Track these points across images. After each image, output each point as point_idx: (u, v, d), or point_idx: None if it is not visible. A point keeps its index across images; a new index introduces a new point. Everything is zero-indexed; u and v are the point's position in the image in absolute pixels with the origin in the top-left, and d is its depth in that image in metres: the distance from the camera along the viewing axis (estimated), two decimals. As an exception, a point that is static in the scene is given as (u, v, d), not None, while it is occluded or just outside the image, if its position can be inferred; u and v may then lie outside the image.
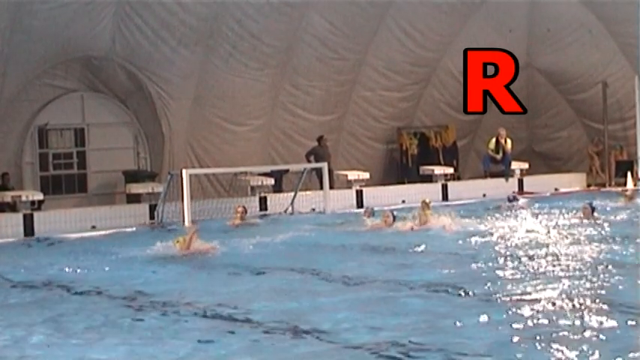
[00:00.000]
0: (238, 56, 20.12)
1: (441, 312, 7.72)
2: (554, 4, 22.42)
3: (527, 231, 13.65)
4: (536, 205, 18.33)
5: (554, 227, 14.10)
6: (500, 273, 9.71)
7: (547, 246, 11.74)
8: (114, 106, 20.30)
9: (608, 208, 16.59)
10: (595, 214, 15.23)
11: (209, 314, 8.01)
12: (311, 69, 21.35)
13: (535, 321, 7.14)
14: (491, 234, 13.51)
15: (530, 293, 8.37)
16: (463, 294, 8.51)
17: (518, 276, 9.48)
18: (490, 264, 10.40)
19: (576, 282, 8.82)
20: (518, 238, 12.78)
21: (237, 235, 14.46)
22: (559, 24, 22.91)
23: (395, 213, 15.19)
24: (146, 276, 10.74)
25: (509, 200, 18.49)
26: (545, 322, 7.06)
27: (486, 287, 8.81)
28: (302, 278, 10.17)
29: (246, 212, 16.63)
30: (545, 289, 8.51)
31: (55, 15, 17.53)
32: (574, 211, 16.07)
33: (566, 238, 12.65)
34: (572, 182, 23.34)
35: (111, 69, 19.55)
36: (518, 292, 8.49)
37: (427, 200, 17.21)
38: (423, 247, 12.31)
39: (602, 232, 13.17)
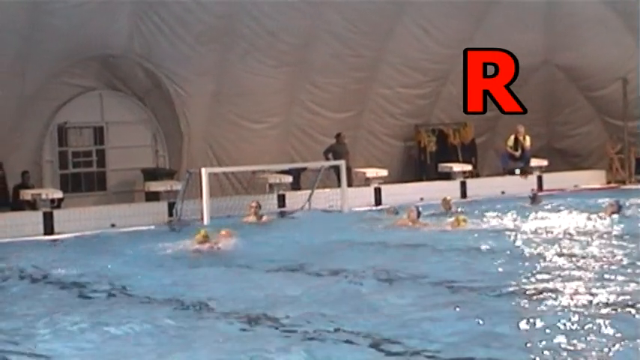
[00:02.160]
0: (255, 54, 20.04)
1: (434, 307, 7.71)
2: (572, 0, 22.20)
3: (552, 229, 13.45)
4: (558, 202, 18.06)
5: (580, 225, 13.90)
6: (524, 272, 9.61)
7: (574, 245, 11.58)
8: (132, 104, 20.29)
9: (633, 206, 16.34)
10: (622, 211, 15.02)
11: (194, 309, 8.11)
12: (328, 66, 21.22)
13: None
14: (518, 232, 13.34)
15: (545, 291, 8.28)
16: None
17: (534, 275, 9.37)
18: (519, 262, 10.28)
19: (605, 282, 8.68)
20: (542, 237, 12.62)
21: (249, 233, 14.36)
22: (578, 20, 22.66)
23: (420, 209, 15.00)
24: (149, 274, 10.75)
25: (532, 199, 18.29)
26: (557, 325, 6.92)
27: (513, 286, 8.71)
28: (301, 276, 10.17)
29: (259, 208, 16.39)
30: (567, 288, 8.39)
31: (72, 13, 17.50)
32: (599, 209, 15.84)
33: (596, 235, 12.46)
34: (591, 179, 23.10)
35: (129, 67, 19.54)
36: (530, 289, 8.42)
37: (448, 197, 17.04)
38: (437, 244, 12.20)
39: (631, 230, 12.90)
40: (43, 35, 17.58)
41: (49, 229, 16.55)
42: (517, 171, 22.46)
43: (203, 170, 17.19)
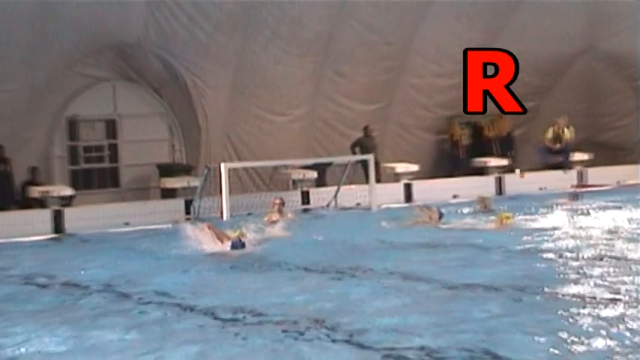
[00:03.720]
0: (278, 42, 19.65)
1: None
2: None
3: (590, 228, 12.68)
4: (599, 199, 17.26)
5: (618, 224, 13.03)
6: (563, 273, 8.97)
7: (608, 245, 10.85)
8: (147, 95, 19.90)
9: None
10: None
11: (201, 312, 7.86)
12: (355, 55, 20.79)
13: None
14: (554, 231, 12.55)
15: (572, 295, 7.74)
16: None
17: (561, 277, 8.82)
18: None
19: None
20: (578, 236, 11.86)
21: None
22: (622, 3, 21.84)
23: (442, 210, 14.51)
24: (151, 275, 10.36)
25: (571, 196, 17.40)
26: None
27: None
28: (312, 276, 9.80)
29: (284, 205, 15.85)
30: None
31: (86, 2, 17.23)
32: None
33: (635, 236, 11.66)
34: (636, 174, 22.12)
35: (144, 57, 19.12)
36: (554, 292, 7.91)
37: (486, 195, 16.59)
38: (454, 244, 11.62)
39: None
40: (54, 25, 17.37)
41: (59, 227, 16.36)
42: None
43: (222, 165, 16.86)
